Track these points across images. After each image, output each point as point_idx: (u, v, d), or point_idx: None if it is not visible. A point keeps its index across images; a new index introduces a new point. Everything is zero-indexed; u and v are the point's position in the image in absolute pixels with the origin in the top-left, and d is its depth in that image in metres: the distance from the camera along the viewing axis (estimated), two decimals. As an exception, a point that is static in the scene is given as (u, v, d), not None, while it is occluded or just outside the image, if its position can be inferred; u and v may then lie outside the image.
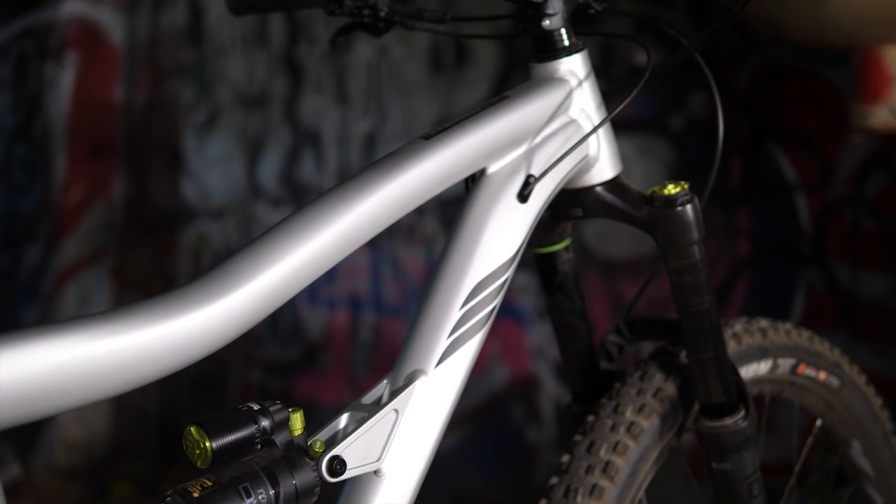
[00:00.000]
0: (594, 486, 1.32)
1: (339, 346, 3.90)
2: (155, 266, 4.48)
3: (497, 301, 1.20)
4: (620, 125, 1.52)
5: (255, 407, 1.05)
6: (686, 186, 1.31)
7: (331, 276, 3.90)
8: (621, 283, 3.33)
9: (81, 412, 4.30)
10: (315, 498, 1.08)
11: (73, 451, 4.28)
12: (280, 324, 4.06)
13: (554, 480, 1.36)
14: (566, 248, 1.42)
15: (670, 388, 1.40)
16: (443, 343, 1.16)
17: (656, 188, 1.31)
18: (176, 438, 0.97)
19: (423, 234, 3.70)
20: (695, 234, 1.30)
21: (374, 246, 3.78)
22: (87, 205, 4.48)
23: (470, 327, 1.18)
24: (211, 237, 4.30)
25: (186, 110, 4.34)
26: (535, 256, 1.44)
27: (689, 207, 1.30)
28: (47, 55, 4.51)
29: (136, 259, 4.50)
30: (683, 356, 1.42)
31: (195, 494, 1.01)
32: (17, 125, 4.64)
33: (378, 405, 1.15)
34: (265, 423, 1.06)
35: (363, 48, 3.80)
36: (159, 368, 0.99)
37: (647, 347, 1.51)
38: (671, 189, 1.30)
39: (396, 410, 1.14)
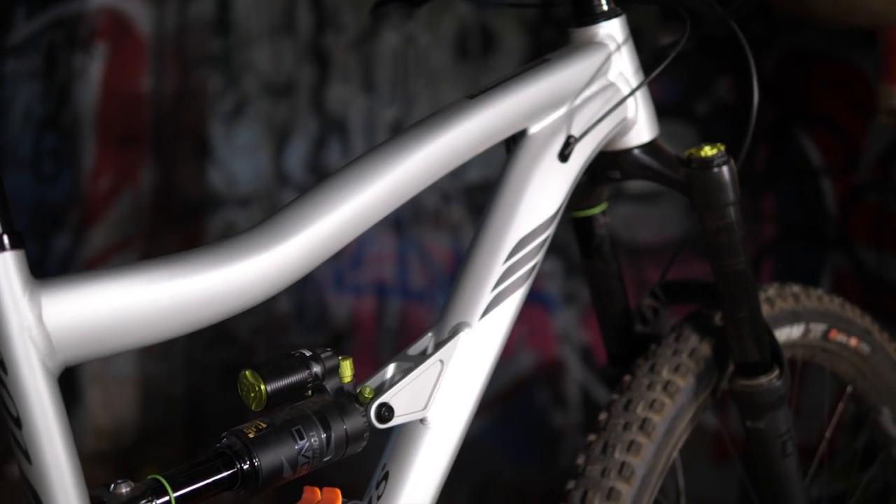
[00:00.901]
0: (632, 442, 1.35)
1: (366, 333, 3.93)
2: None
3: (538, 258, 1.23)
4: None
5: (307, 353, 1.09)
6: (722, 148, 1.34)
7: (357, 262, 3.94)
8: (647, 268, 3.35)
9: (109, 399, 4.35)
10: (364, 443, 1.12)
11: (101, 437, 4.33)
12: (306, 310, 4.09)
13: (591, 438, 1.39)
14: (603, 212, 1.46)
15: (705, 349, 1.43)
16: (487, 296, 1.20)
17: (693, 150, 1.34)
18: (203, 425, 1.00)
19: (450, 221, 3.73)
20: (731, 196, 1.33)
21: (401, 232, 3.81)
22: (115, 194, 4.52)
23: (513, 282, 1.21)
24: (238, 225, 4.33)
25: (214, 99, 4.38)
26: (572, 220, 1.47)
27: (725, 169, 1.32)
28: (76, 46, 4.56)
29: (163, 247, 4.53)
30: (718, 318, 1.45)
31: (250, 435, 1.04)
32: (46, 115, 4.69)
33: (424, 356, 1.18)
34: (317, 368, 1.09)
35: (390, 36, 3.83)
36: (219, 311, 1.02)
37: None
38: (708, 151, 1.33)
39: (442, 361, 1.17)
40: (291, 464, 1.05)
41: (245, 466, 1.03)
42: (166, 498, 0.98)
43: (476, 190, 3.64)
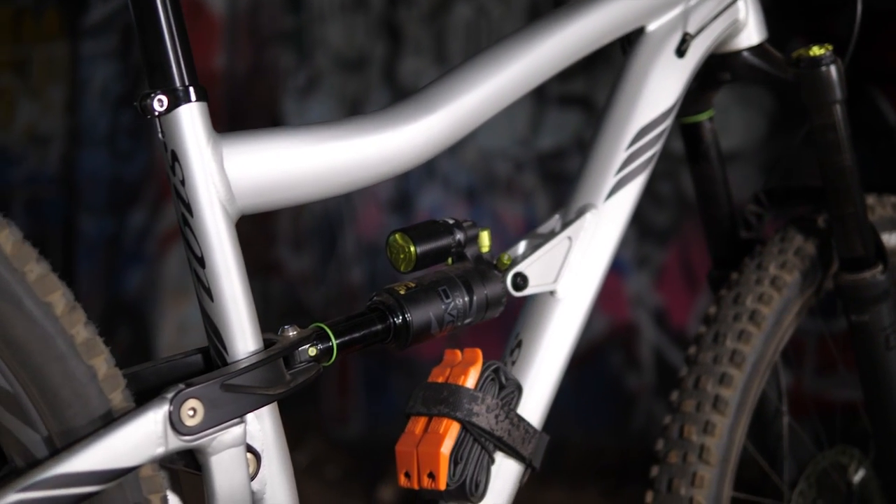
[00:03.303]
0: (742, 332, 1.41)
1: (438, 301, 4.00)
2: (256, 227, 4.61)
3: (657, 147, 1.30)
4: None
5: (451, 221, 1.16)
6: (830, 48, 1.39)
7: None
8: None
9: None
10: (501, 308, 1.19)
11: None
12: (378, 281, 4.16)
13: (702, 329, 1.45)
14: (710, 119, 1.52)
15: (810, 248, 1.48)
16: (611, 180, 1.27)
17: (801, 51, 1.40)
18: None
19: (523, 189, 3.79)
20: (838, 94, 1.39)
21: (474, 200, 3.88)
22: (189, 170, 4.61)
23: (635, 168, 1.28)
24: (310, 200, 4.41)
25: (286, 75, 4.46)
26: (680, 127, 1.53)
27: (832, 68, 1.39)
28: (152, 25, 4.66)
29: (238, 222, 4.63)
30: (822, 221, 1.51)
31: (401, 292, 1.12)
32: (122, 94, 4.80)
33: (553, 234, 1.25)
34: (459, 236, 1.17)
35: (462, 9, 3.90)
36: (373, 174, 1.10)
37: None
38: (816, 50, 1.39)
39: (570, 238, 1.24)
40: (438, 321, 1.13)
41: (397, 321, 1.11)
42: (329, 343, 1.06)
43: (548, 158, 3.70)
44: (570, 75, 3.65)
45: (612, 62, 3.51)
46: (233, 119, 4.56)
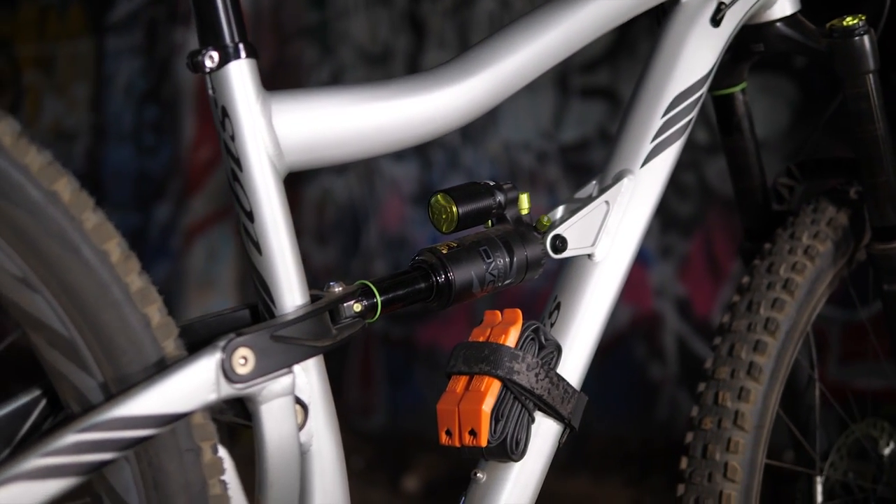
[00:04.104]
0: (775, 300, 1.42)
1: (462, 293, 4.01)
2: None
3: (693, 114, 1.31)
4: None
5: (491, 183, 1.18)
6: (863, 18, 1.41)
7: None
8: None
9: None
10: (541, 270, 1.21)
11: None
12: (402, 273, 4.17)
13: (735, 298, 1.46)
14: (743, 91, 1.53)
15: (842, 219, 1.50)
16: (647, 146, 1.28)
17: (834, 21, 1.41)
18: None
19: (546, 180, 3.80)
20: (871, 64, 1.40)
21: (498, 192, 3.88)
22: (214, 164, 4.65)
23: (671, 134, 1.29)
24: (334, 192, 4.43)
25: (310, 70, 4.48)
26: (713, 99, 1.55)
27: (865, 38, 1.40)
28: (177, 21, 4.70)
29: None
30: (853, 192, 1.52)
31: (444, 251, 1.14)
32: (147, 89, 4.84)
33: (590, 198, 1.27)
34: (500, 197, 1.18)
35: (485, 2, 3.92)
36: (416, 134, 1.12)
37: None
38: (849, 21, 1.40)
39: (607, 202, 1.26)
40: (480, 280, 1.15)
41: (440, 279, 1.13)
42: (374, 300, 1.08)
43: (571, 150, 3.71)
44: (594, 67, 3.67)
45: (636, 54, 3.53)
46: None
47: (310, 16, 4.50)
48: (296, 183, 4.51)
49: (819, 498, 1.56)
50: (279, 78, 4.57)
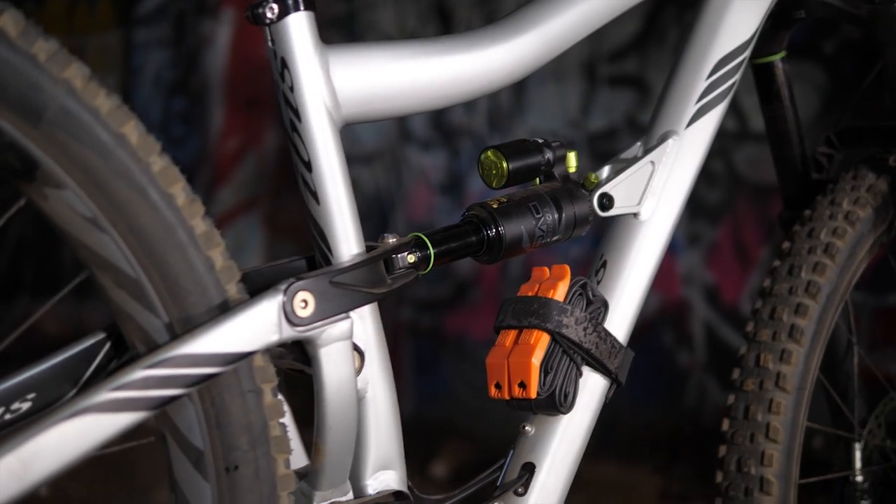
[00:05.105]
0: (816, 264, 1.44)
1: (490, 282, 4.03)
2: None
3: (736, 78, 1.33)
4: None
5: (540, 140, 1.20)
6: None
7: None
8: (774, 207, 3.41)
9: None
10: (588, 227, 1.23)
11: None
12: (429, 263, 4.18)
13: (776, 263, 1.48)
14: (783, 59, 1.54)
15: (882, 185, 1.51)
16: (692, 108, 1.30)
17: None
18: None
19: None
20: None
21: (525, 181, 3.89)
22: (241, 155, 4.68)
23: (715, 96, 1.31)
24: (361, 182, 4.45)
25: (338, 61, 4.49)
26: (753, 68, 1.56)
27: None
28: (204, 13, 4.73)
29: (287, 206, 4.68)
30: (892, 159, 1.53)
31: (494, 206, 1.15)
32: (175, 80, 4.87)
33: (636, 158, 1.28)
34: (548, 154, 1.20)
35: (513, -9, 3.94)
36: (467, 90, 1.15)
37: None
38: (891, -13, 1.41)
39: (652, 162, 1.28)
40: (529, 235, 1.16)
41: (491, 233, 1.15)
42: (427, 252, 1.10)
43: (599, 139, 3.73)
44: (622, 55, 3.68)
45: (664, 43, 3.54)
46: (284, 104, 4.61)
47: (337, 6, 4.52)
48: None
49: (857, 464, 1.58)
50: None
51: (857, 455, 1.58)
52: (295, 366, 1.04)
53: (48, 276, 4.83)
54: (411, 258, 1.08)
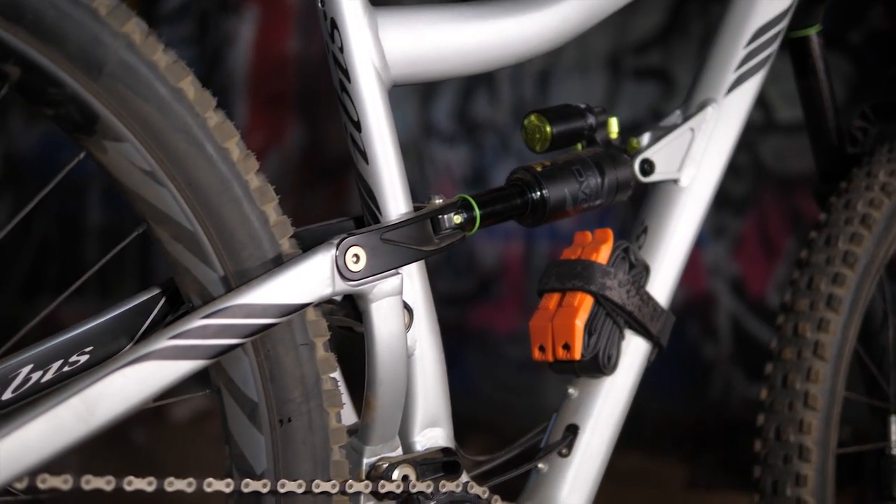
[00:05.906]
0: (853, 234, 1.45)
1: (514, 277, 4.04)
2: (329, 209, 4.67)
3: (774, 47, 1.34)
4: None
5: (583, 105, 1.21)
6: None
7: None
8: (800, 199, 3.41)
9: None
10: (629, 192, 1.24)
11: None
12: (454, 255, 4.20)
13: (813, 234, 1.48)
14: (818, 33, 1.55)
15: (918, 158, 1.52)
16: (731, 76, 1.31)
17: None
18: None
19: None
20: None
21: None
22: (265, 151, 4.70)
23: (753, 65, 1.32)
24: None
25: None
26: (788, 42, 1.57)
27: None
28: (228, 11, 4.76)
29: (311, 202, 4.70)
30: (928, 133, 1.54)
31: (538, 169, 1.17)
32: (198, 77, 4.88)
33: (676, 125, 1.30)
34: (591, 120, 1.22)
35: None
36: (512, 53, 1.16)
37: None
38: (928, -42, 1.42)
39: (692, 129, 1.29)
40: (573, 198, 1.18)
41: (535, 196, 1.16)
42: (473, 213, 1.11)
43: (623, 132, 3.72)
44: (646, 48, 3.69)
45: (687, 35, 3.55)
46: (304, 104, 4.64)
47: None
48: (344, 170, 4.55)
49: (893, 436, 1.58)
50: (329, 68, 4.61)
51: (894, 428, 1.58)
52: (345, 322, 1.06)
53: (71, 276, 4.86)
54: (457, 219, 1.09)
